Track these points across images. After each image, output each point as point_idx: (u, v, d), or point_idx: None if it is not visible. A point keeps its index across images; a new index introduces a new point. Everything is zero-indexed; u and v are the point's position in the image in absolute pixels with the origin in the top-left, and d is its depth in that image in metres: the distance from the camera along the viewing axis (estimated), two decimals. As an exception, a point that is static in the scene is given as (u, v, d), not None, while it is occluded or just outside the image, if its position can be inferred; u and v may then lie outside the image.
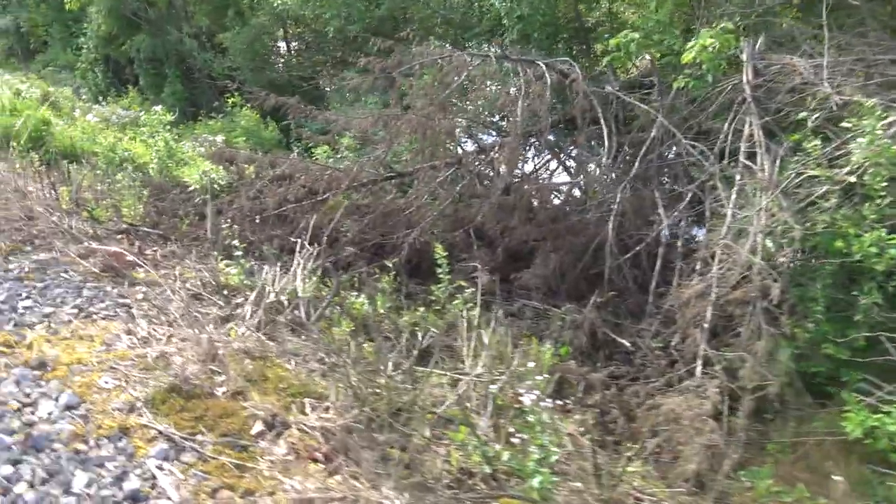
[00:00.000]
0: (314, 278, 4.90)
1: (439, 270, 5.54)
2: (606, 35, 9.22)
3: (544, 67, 6.52)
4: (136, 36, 12.24)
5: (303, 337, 4.40)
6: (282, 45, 13.20)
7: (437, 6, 9.29)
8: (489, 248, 6.41)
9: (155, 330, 3.90)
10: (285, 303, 4.57)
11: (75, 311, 4.07)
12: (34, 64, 16.18)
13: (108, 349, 3.55)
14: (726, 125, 6.04)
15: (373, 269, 5.97)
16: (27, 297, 4.14)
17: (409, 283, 5.79)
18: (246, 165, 7.29)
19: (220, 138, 8.52)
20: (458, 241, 6.40)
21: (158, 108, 9.26)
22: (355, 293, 5.44)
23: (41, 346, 3.50)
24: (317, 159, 8.61)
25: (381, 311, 5.45)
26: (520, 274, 6.08)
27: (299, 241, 5.94)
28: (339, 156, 8.49)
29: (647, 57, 6.32)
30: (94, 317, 4.04)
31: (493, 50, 8.33)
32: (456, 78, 6.03)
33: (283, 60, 12.54)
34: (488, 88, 6.49)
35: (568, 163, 8.71)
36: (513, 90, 6.42)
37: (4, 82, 10.37)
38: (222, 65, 11.68)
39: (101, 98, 13.40)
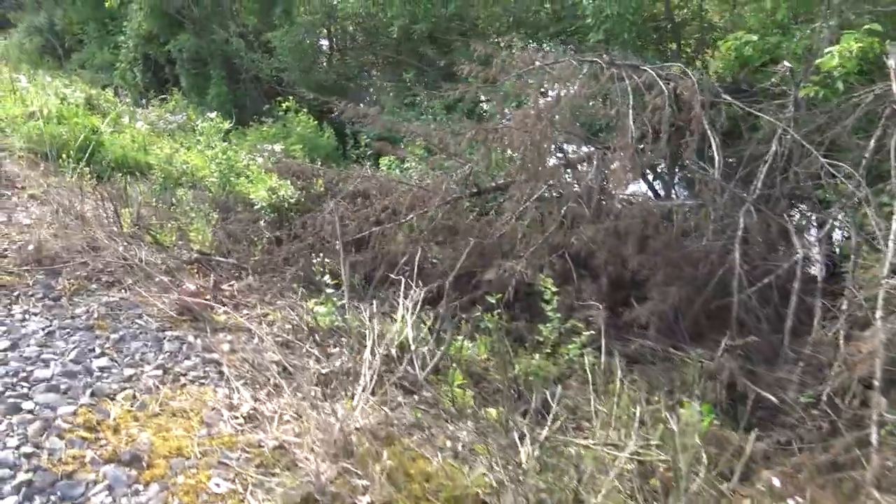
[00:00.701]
0: (423, 323, 4.24)
1: (548, 308, 4.87)
2: (695, 35, 8.49)
3: (655, 75, 5.80)
4: (178, 35, 11.62)
5: (417, 398, 3.75)
6: (324, 42, 12.51)
7: (508, 4, 8.58)
8: (591, 277, 5.71)
9: (258, 399, 3.25)
10: (394, 354, 3.92)
11: (159, 371, 3.44)
12: (70, 63, 15.64)
13: (209, 432, 2.91)
14: (873, 141, 5.31)
15: (467, 303, 5.30)
16: (102, 354, 3.52)
17: (515, 321, 5.11)
18: (314, 180, 6.64)
19: (278, 147, 7.88)
20: (555, 268, 5.71)
21: (213, 114, 8.65)
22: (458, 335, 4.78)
23: (129, 428, 2.86)
24: (383, 172, 7.96)
25: (486, 356, 4.80)
26: (631, 309, 5.37)
27: (396, 275, 5.31)
28: (405, 167, 7.82)
29: (786, 64, 5.56)
30: (182, 379, 3.40)
31: (572, 53, 7.63)
32: (570, 87, 5.33)
33: (325, 60, 11.85)
34: (590, 98, 5.77)
35: (658, 181, 7.99)
36: (620, 101, 5.70)
37: (47, 85, 9.80)
38: (270, 65, 11.02)
39: (141, 100, 12.84)
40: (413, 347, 3.96)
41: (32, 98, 8.38)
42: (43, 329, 3.67)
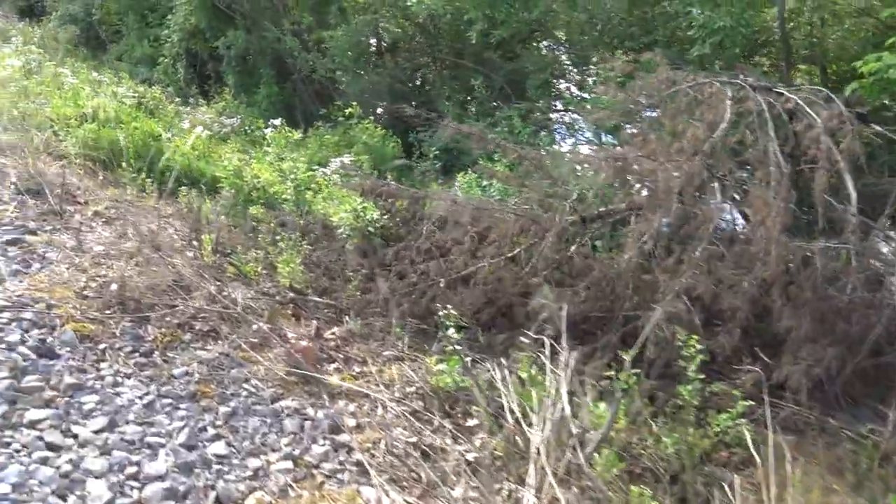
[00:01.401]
0: (584, 394, 3.60)
1: (690, 366, 4.23)
2: (804, 50, 7.79)
3: (799, 101, 5.12)
4: (227, 31, 11.01)
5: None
6: (372, 41, 11.83)
7: (597, 10, 7.90)
8: (724, 328, 5.04)
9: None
10: (551, 436, 3.28)
11: (289, 462, 2.82)
12: (107, 55, 15.05)
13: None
14: None
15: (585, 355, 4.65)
16: (216, 436, 2.90)
17: (647, 378, 4.46)
18: (397, 200, 6.02)
19: (347, 158, 7.24)
20: (683, 316, 5.04)
21: (277, 121, 8.03)
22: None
23: (277, 557, 2.24)
24: (459, 189, 7.31)
25: (626, 424, 4.15)
26: (778, 368, 4.70)
27: (511, 321, 4.69)
28: (486, 186, 7.18)
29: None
30: (317, 474, 2.78)
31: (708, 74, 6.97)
32: (725, 114, 4.65)
33: (373, 60, 11.20)
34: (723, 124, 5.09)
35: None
36: (759, 128, 5.02)
37: (95, 82, 9.21)
38: (323, 66, 10.39)
39: (184, 97, 12.22)
40: (573, 426, 3.31)
41: (83, 95, 7.77)
42: (140, 398, 3.05)
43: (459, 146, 9.02)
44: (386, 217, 5.70)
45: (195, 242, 4.91)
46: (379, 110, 10.17)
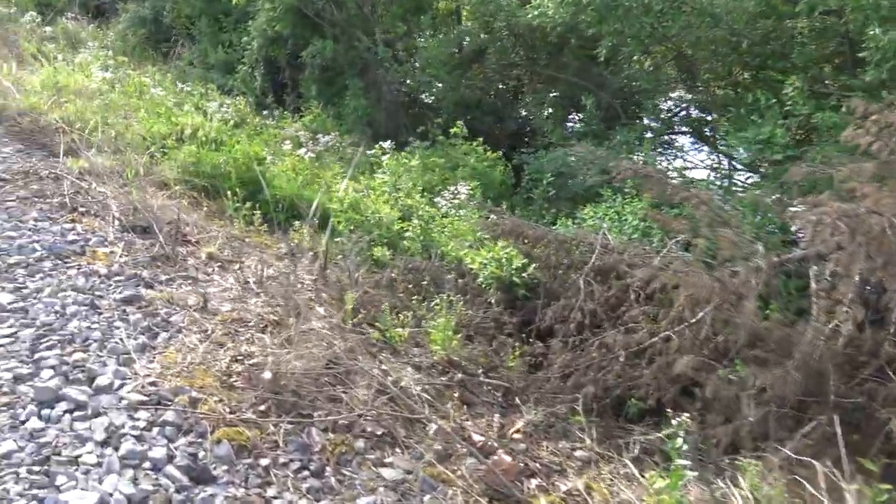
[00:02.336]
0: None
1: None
2: None
3: None
4: (313, 39, 10.36)
5: None
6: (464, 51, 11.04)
7: (738, 23, 7.02)
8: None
9: None
10: None
11: None
12: (181, 61, 14.56)
13: None
14: None
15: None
16: None
17: None
18: (537, 244, 5.23)
19: (463, 188, 6.47)
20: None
21: (386, 143, 7.31)
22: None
23: None
24: (586, 224, 6.49)
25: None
26: None
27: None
28: (622, 221, 6.35)
29: None
30: None
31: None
32: None
33: (466, 72, 10.43)
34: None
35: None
36: None
37: (184, 94, 8.61)
38: (415, 78, 9.67)
39: (259, 106, 11.63)
40: None
41: (176, 111, 7.16)
42: (329, 548, 2.29)
43: (570, 170, 8.22)
44: (533, 265, 4.90)
45: (325, 294, 4.20)
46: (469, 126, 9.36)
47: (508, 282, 4.88)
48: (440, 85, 9.78)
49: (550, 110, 10.41)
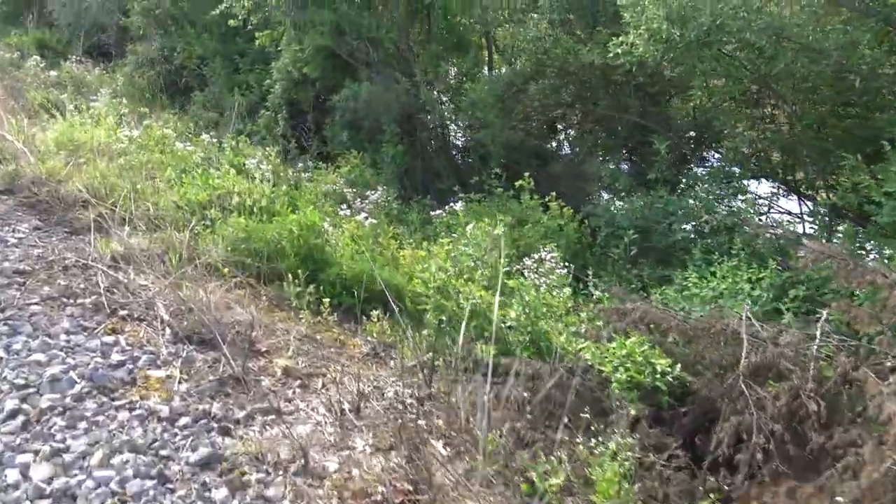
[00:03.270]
0: None
1: None
2: None
3: None
4: (344, 81, 9.52)
5: None
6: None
7: (853, 64, 6.17)
8: None
9: None
10: None
11: None
12: (192, 104, 13.74)
13: None
14: None
15: None
16: None
17: None
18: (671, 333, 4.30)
19: (547, 254, 5.54)
20: None
21: (457, 206, 6.39)
22: None
23: None
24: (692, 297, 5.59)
25: None
26: None
27: None
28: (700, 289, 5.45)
29: None
30: None
31: None
32: None
33: (517, 115, 9.59)
34: None
35: None
36: None
37: (215, 149, 7.70)
38: (460, 122, 8.82)
39: (283, 153, 10.79)
40: None
41: (213, 173, 6.25)
42: None
43: (651, 224, 7.34)
44: (678, 365, 3.96)
45: (439, 419, 3.25)
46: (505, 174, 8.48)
47: (651, 388, 3.94)
48: (493, 130, 8.90)
49: (601, 153, 9.60)
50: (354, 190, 7.63)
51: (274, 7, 9.47)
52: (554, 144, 10.49)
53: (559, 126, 10.42)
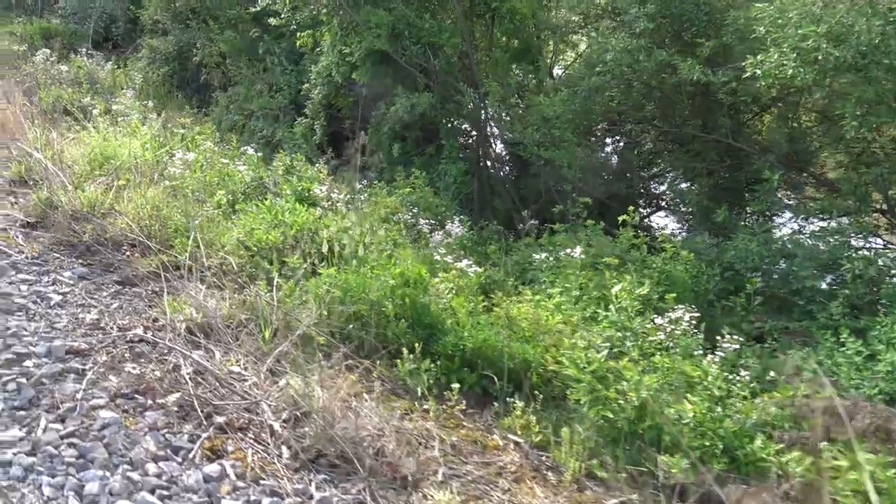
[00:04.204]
0: None
1: None
2: None
3: None
4: (399, 89, 8.56)
5: None
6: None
7: None
8: None
9: None
10: None
11: None
12: (215, 105, 12.74)
13: None
14: None
15: None
16: None
17: None
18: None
19: (684, 313, 4.60)
20: None
21: (576, 251, 5.43)
22: None
23: None
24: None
25: None
26: None
27: None
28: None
29: None
30: None
31: None
32: None
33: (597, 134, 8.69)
34: None
35: None
36: None
37: (268, 168, 6.71)
38: (534, 139, 7.89)
39: (320, 163, 9.80)
40: None
41: (286, 206, 5.27)
42: None
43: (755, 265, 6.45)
44: None
45: None
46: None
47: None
48: (567, 149, 7.95)
49: (682, 177, 8.70)
50: (431, 221, 6.65)
51: (323, 5, 8.47)
52: (634, 169, 9.56)
53: (647, 149, 9.48)
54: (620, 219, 6.43)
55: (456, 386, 3.68)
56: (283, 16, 8.82)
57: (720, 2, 7.73)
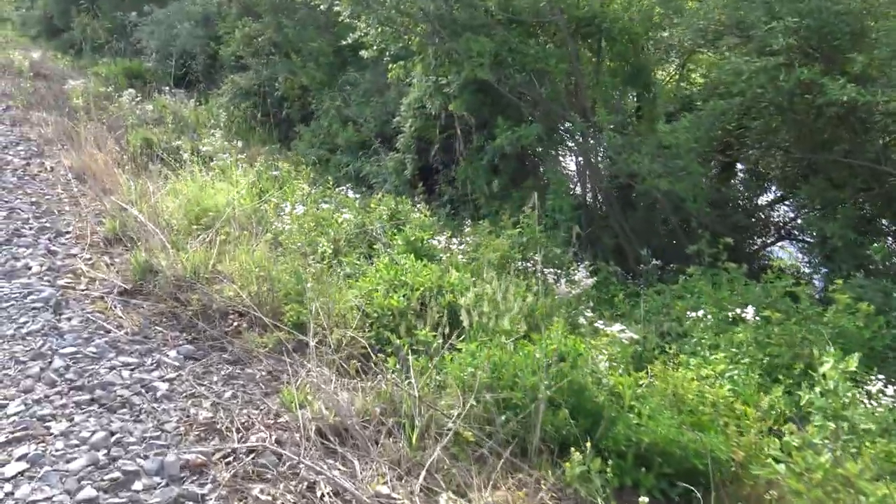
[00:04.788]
0: None
1: None
2: None
3: None
4: (499, 120, 7.93)
5: None
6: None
7: None
8: None
9: None
10: None
11: None
12: (299, 141, 12.41)
13: None
14: None
15: None
16: None
17: None
18: None
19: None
20: None
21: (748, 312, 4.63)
22: None
23: None
24: None
25: None
26: None
27: None
28: None
29: None
30: None
31: None
32: None
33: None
34: None
35: None
36: None
37: (370, 213, 6.14)
38: (653, 171, 7.09)
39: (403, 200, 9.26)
40: None
41: (411, 265, 4.66)
42: None
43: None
44: None
45: None
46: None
47: None
48: (683, 180, 7.14)
49: (815, 209, 7.73)
50: (557, 270, 5.94)
51: (420, 35, 7.94)
52: (743, 194, 8.67)
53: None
54: (774, 264, 5.57)
55: (645, 500, 2.94)
56: (375, 48, 8.33)
57: (862, 12, 6.84)
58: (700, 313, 4.84)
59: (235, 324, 3.97)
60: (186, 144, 9.36)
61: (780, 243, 9.27)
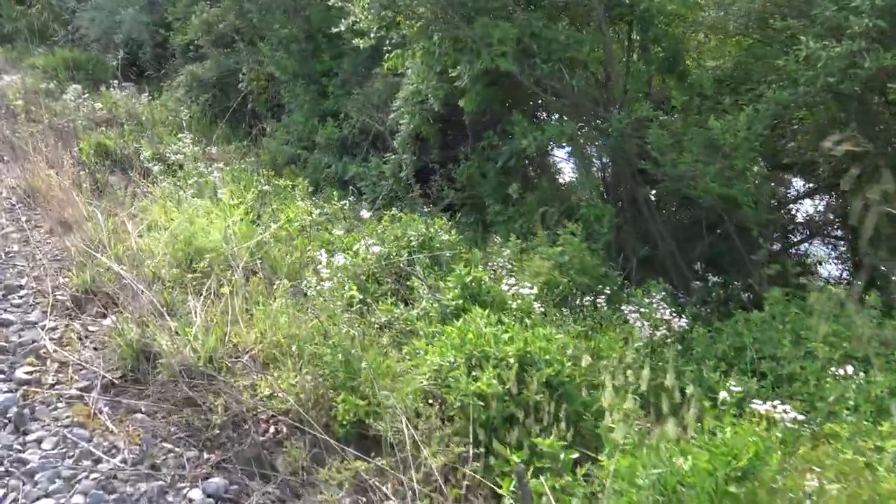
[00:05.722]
0: None
1: None
2: None
3: None
4: (514, 117, 6.90)
5: None
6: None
7: None
8: None
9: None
10: None
11: None
12: (270, 138, 11.13)
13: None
14: None
15: None
16: None
17: None
18: None
19: None
20: None
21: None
22: None
23: None
24: None
25: None
26: None
27: None
28: None
29: None
30: None
31: None
32: None
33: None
34: None
35: None
36: None
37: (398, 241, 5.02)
38: (703, 173, 6.16)
39: (399, 202, 8.39)
40: None
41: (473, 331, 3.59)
42: None
43: None
44: None
45: None
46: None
47: None
48: (740, 184, 6.23)
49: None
50: (606, 295, 4.95)
51: (424, 19, 6.80)
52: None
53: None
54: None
55: None
56: (372, 36, 7.14)
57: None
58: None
59: (273, 429, 2.87)
60: (148, 150, 8.08)
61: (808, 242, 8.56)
